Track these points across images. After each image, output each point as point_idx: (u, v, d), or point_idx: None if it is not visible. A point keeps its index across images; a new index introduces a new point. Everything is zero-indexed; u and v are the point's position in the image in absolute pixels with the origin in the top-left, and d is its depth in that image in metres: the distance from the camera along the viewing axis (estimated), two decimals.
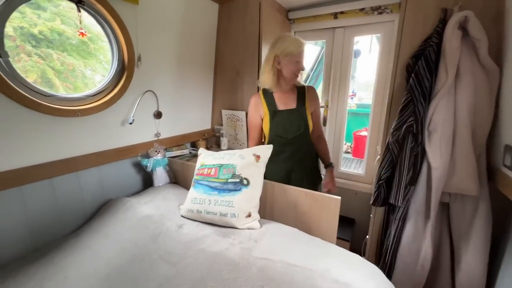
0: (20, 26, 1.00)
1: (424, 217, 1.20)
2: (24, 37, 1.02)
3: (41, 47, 1.08)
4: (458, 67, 1.05)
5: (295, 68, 1.28)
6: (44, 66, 1.09)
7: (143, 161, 1.43)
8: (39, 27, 1.06)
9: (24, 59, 1.03)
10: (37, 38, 1.06)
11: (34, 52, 1.05)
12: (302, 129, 1.34)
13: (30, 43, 1.04)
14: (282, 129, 1.32)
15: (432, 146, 1.11)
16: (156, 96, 1.48)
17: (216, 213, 1.06)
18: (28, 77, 1.02)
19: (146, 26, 1.31)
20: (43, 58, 1.09)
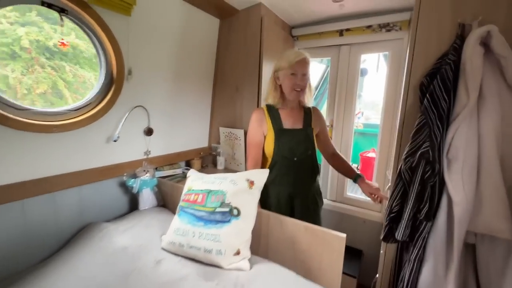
0: (36, 40, 1.04)
1: (445, 260, 1.02)
2: (40, 49, 1.06)
3: (55, 59, 1.12)
4: (481, 88, 0.92)
5: (292, 82, 1.17)
6: (56, 77, 1.13)
7: (129, 181, 1.31)
8: (54, 40, 1.08)
9: (38, 70, 1.07)
10: (51, 51, 1.10)
11: (47, 64, 1.09)
12: (310, 151, 1.25)
13: (44, 55, 1.08)
14: (288, 150, 1.21)
15: (453, 176, 0.96)
16: (147, 111, 1.39)
17: (200, 248, 0.92)
18: (39, 87, 1.07)
19: (138, 39, 1.25)
20: (56, 70, 1.12)
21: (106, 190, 1.28)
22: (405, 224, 1.02)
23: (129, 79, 1.23)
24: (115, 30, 1.13)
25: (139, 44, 1.27)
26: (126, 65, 1.21)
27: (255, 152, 1.26)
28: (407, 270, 1.11)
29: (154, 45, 1.35)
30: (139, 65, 1.28)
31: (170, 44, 1.45)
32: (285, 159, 1.21)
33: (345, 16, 1.75)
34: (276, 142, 1.21)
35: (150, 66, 1.36)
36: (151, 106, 1.41)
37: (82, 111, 1.10)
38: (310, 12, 1.71)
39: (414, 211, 0.99)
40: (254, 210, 0.99)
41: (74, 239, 1.09)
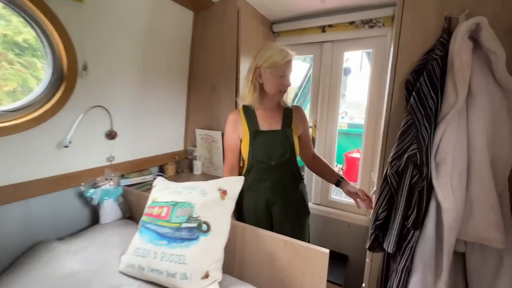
0: (3, 34, 0.97)
1: (434, 270, 0.95)
2: (7, 45, 0.99)
3: (25, 56, 1.04)
4: (470, 85, 0.85)
5: (279, 83, 1.07)
6: (26, 75, 1.05)
7: (87, 191, 1.15)
8: (24, 35, 1.01)
9: (5, 67, 1.00)
10: (21, 47, 1.02)
11: (16, 60, 1.02)
12: (288, 154, 1.13)
13: (13, 51, 1.01)
14: (264, 153, 1.11)
15: (442, 180, 0.89)
16: (109, 112, 1.23)
17: (163, 271, 0.79)
18: (8, 85, 1.00)
19: (94, 29, 1.09)
20: (26, 67, 1.05)
21: (60, 203, 1.12)
22: (395, 234, 0.94)
23: (84, 76, 1.07)
24: (64, 19, 0.98)
25: (97, 35, 1.11)
26: (80, 60, 1.06)
27: (231, 156, 1.17)
28: (394, 281, 1.04)
29: (115, 37, 1.20)
30: (97, 59, 1.13)
31: (136, 36, 1.29)
32: (261, 164, 1.11)
33: (327, 11, 1.67)
34: (251, 145, 1.11)
35: (111, 61, 1.20)
36: (114, 106, 1.25)
37: (23, 112, 0.94)
38: (291, 6, 1.62)
39: (411, 220, 0.91)
40: (227, 224, 0.87)
41: (18, 261, 0.93)
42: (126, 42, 1.25)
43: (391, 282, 1.07)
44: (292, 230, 1.14)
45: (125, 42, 1.25)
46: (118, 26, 1.20)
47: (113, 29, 1.18)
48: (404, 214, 0.96)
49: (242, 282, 0.85)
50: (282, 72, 1.06)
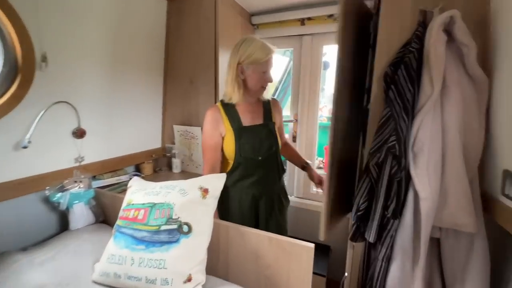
0: None
1: (412, 256, 0.98)
2: None
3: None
4: (444, 77, 0.88)
5: (262, 79, 1.07)
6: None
7: (53, 196, 1.05)
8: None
9: None
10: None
11: None
12: (274, 147, 1.14)
13: None
14: (251, 149, 1.09)
15: (419, 171, 0.91)
16: (75, 108, 1.13)
17: (141, 278, 0.74)
18: None
19: (55, 15, 0.98)
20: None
21: (23, 210, 1.01)
22: (376, 224, 0.96)
23: (43, 68, 0.96)
24: (17, 4, 0.86)
25: (57, 23, 1.00)
26: (38, 50, 0.95)
27: (212, 156, 1.11)
28: (376, 269, 1.07)
29: (80, 25, 1.09)
30: (58, 49, 1.02)
31: (104, 24, 1.19)
32: (249, 160, 1.09)
33: (306, 4, 1.66)
34: (237, 142, 1.08)
35: (76, 52, 1.10)
36: (81, 101, 1.15)
37: None
38: None
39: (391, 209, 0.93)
40: (209, 224, 0.84)
41: None
42: (92, 31, 1.14)
43: (372, 270, 1.10)
44: (277, 222, 1.15)
45: (91, 31, 1.14)
46: (83, 13, 1.09)
47: (77, 17, 1.07)
48: (384, 204, 0.98)
49: (227, 283, 0.83)
50: (265, 68, 1.05)
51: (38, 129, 0.98)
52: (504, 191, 0.78)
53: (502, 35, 0.82)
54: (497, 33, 0.84)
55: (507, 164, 0.78)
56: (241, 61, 1.03)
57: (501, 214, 0.80)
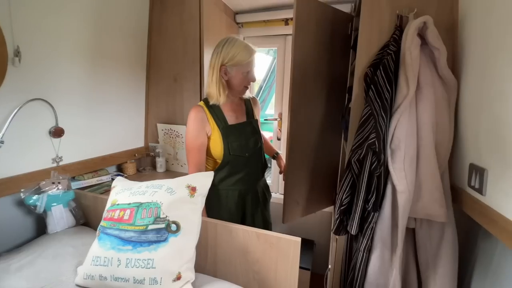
0: None
1: (391, 247, 1.05)
2: None
3: None
4: (418, 79, 0.94)
5: (245, 79, 1.09)
6: None
7: (29, 199, 1.00)
8: None
9: None
10: None
11: None
12: (259, 143, 1.17)
13: None
14: (238, 147, 1.11)
15: (396, 166, 0.98)
16: (52, 106, 1.07)
17: (129, 279, 0.73)
18: None
19: (29, 6, 0.93)
20: None
21: None
22: (358, 217, 1.02)
23: (16, 63, 0.91)
24: None
25: (32, 14, 0.94)
26: (10, 44, 0.89)
27: (198, 157, 1.09)
28: (358, 260, 1.13)
29: (57, 18, 1.03)
30: (33, 43, 0.96)
31: (82, 18, 1.14)
32: (236, 158, 1.11)
33: (290, 4, 1.68)
34: (225, 141, 1.08)
35: (53, 46, 1.04)
36: (58, 99, 1.09)
37: None
38: None
39: (371, 203, 0.99)
40: (198, 222, 0.84)
41: None
42: (70, 25, 1.09)
43: (354, 260, 1.16)
44: (263, 217, 1.20)
45: (68, 25, 1.09)
46: (59, 5, 1.03)
47: (53, 9, 1.01)
48: (365, 198, 1.04)
49: (216, 279, 0.84)
50: (248, 69, 1.07)
51: (12, 128, 0.92)
52: (470, 183, 0.86)
53: (467, 41, 0.89)
54: (463, 39, 0.92)
55: (472, 158, 0.86)
56: (225, 62, 1.03)
57: (467, 203, 0.87)
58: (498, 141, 0.71)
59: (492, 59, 0.74)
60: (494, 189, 0.74)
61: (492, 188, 0.75)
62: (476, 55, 0.84)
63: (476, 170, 0.83)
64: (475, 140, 0.85)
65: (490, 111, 0.76)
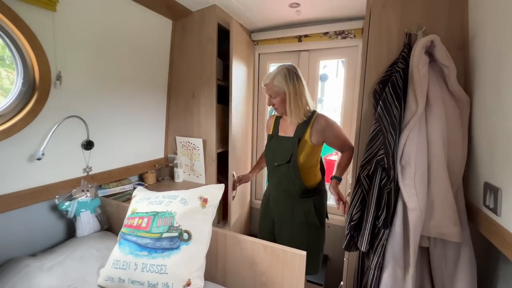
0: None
1: (403, 265, 1.02)
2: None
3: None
4: (428, 95, 0.95)
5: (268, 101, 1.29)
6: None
7: (62, 204, 1.11)
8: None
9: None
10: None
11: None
12: (288, 159, 1.25)
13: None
14: (270, 154, 1.33)
15: (407, 182, 0.97)
16: (85, 122, 1.20)
17: (144, 283, 0.79)
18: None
19: (69, 38, 1.07)
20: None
21: (33, 217, 1.07)
22: (368, 233, 1.01)
23: (58, 86, 1.05)
24: (36, 28, 0.95)
25: (71, 44, 1.09)
26: (54, 69, 1.03)
27: None
28: (369, 278, 1.11)
29: (90, 46, 1.18)
30: (71, 69, 1.10)
31: (112, 45, 1.28)
32: (269, 163, 1.35)
33: (302, 22, 1.75)
34: (266, 146, 1.37)
35: (87, 71, 1.18)
36: (90, 115, 1.23)
37: None
38: (268, 16, 1.68)
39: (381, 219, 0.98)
40: (208, 232, 0.89)
41: None
42: (102, 51, 1.23)
43: (366, 278, 1.14)
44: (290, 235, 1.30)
45: (101, 51, 1.23)
46: (94, 35, 1.18)
47: (88, 38, 1.16)
48: (375, 214, 1.03)
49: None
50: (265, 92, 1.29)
51: (52, 142, 1.06)
52: (485, 202, 0.83)
53: (479, 58, 0.88)
54: (474, 56, 0.91)
55: (486, 176, 0.84)
56: None
57: (483, 223, 0.84)
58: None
59: (504, 75, 0.73)
60: (509, 209, 0.71)
61: (507, 208, 0.73)
62: (488, 71, 0.83)
63: (491, 189, 0.80)
64: (489, 158, 0.83)
65: (503, 129, 0.74)
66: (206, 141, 1.63)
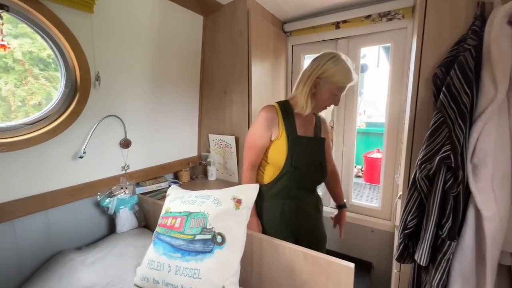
0: (29, 51, 1.03)
1: (475, 285, 0.84)
2: (33, 61, 1.06)
3: (49, 71, 1.10)
4: (511, 77, 0.75)
5: (331, 100, 1.03)
6: (50, 88, 1.11)
7: (103, 201, 1.15)
8: (48, 51, 1.03)
9: (31, 81, 1.07)
10: (45, 62, 1.08)
11: (41, 75, 1.09)
12: (323, 163, 1.11)
13: (38, 66, 1.08)
14: (302, 160, 1.03)
15: (481, 185, 0.79)
16: (123, 121, 1.23)
17: (177, 286, 0.76)
18: (33, 99, 1.07)
19: (106, 39, 1.10)
20: (50, 80, 1.11)
21: (78, 213, 1.13)
22: (428, 244, 0.85)
23: (97, 86, 1.08)
24: (76, 30, 0.98)
25: (108, 45, 1.11)
26: (93, 70, 1.06)
27: (255, 155, 1.05)
28: None
29: (127, 46, 1.20)
30: (109, 69, 1.13)
31: (147, 44, 1.29)
32: (297, 170, 1.03)
33: (341, 6, 1.60)
34: (290, 151, 1.01)
35: (123, 70, 1.21)
36: (127, 115, 1.25)
37: (39, 125, 0.95)
38: (303, 3, 1.56)
39: (446, 229, 0.82)
40: (243, 235, 0.83)
41: (36, 273, 0.94)
42: (137, 50, 1.25)
43: None
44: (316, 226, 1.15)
45: (136, 50, 1.25)
46: (129, 35, 1.20)
47: (124, 38, 1.18)
48: (438, 222, 0.87)
49: None
50: (338, 92, 1.01)
51: (92, 141, 1.10)
52: None
53: None
54: None
55: None
56: (322, 75, 0.99)
57: None
58: None
59: None
60: None
61: None
62: None
63: None
64: None
65: None
66: (239, 138, 1.58)
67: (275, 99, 1.79)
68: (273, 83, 1.73)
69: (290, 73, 1.93)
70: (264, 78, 1.61)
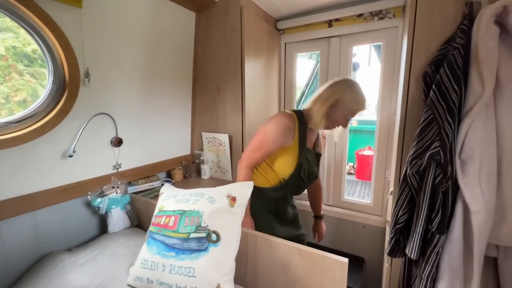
0: (13, 46, 0.99)
1: (463, 277, 0.87)
2: (17, 56, 1.01)
3: (34, 67, 1.05)
4: (498, 75, 0.78)
5: (340, 122, 1.11)
6: (35, 85, 1.06)
7: (94, 201, 1.13)
8: (33, 46, 1.00)
9: (15, 78, 1.03)
10: (30, 58, 1.04)
11: (26, 71, 1.04)
12: (318, 175, 1.26)
13: (22, 62, 1.03)
14: (306, 170, 1.12)
15: (469, 180, 0.82)
16: (114, 119, 1.21)
17: (172, 285, 0.75)
18: (18, 95, 1.02)
19: (95, 34, 1.07)
20: (36, 77, 1.06)
21: (68, 213, 1.10)
22: (418, 238, 0.88)
23: (86, 83, 1.05)
24: (64, 25, 0.95)
25: (97, 41, 1.08)
26: (82, 67, 1.03)
27: (261, 157, 1.06)
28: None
29: (117, 42, 1.17)
30: (99, 65, 1.10)
31: (138, 40, 1.27)
32: (300, 180, 1.12)
33: (333, 4, 1.61)
34: (299, 161, 1.08)
35: (114, 67, 1.18)
36: (118, 113, 1.23)
37: (26, 123, 0.92)
38: (294, 0, 1.56)
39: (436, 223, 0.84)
40: (237, 233, 0.83)
41: (25, 276, 0.91)
42: (128, 47, 1.22)
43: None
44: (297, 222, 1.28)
45: (127, 47, 1.22)
46: (119, 31, 1.17)
47: (114, 34, 1.15)
48: (428, 217, 0.89)
49: None
50: (350, 116, 1.10)
51: (82, 139, 1.07)
52: None
53: None
54: None
55: None
56: (340, 100, 1.05)
57: None
58: None
59: None
60: None
61: None
62: None
63: None
64: None
65: None
66: (232, 136, 1.57)
67: (268, 97, 1.80)
68: (266, 81, 1.73)
69: (283, 71, 1.93)
70: (257, 75, 1.61)
